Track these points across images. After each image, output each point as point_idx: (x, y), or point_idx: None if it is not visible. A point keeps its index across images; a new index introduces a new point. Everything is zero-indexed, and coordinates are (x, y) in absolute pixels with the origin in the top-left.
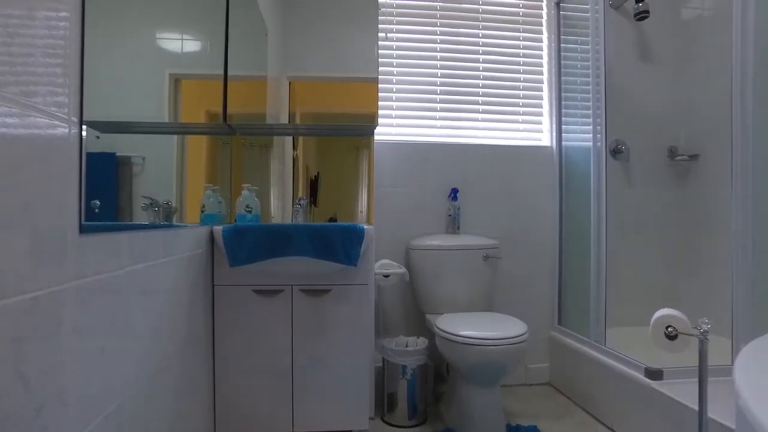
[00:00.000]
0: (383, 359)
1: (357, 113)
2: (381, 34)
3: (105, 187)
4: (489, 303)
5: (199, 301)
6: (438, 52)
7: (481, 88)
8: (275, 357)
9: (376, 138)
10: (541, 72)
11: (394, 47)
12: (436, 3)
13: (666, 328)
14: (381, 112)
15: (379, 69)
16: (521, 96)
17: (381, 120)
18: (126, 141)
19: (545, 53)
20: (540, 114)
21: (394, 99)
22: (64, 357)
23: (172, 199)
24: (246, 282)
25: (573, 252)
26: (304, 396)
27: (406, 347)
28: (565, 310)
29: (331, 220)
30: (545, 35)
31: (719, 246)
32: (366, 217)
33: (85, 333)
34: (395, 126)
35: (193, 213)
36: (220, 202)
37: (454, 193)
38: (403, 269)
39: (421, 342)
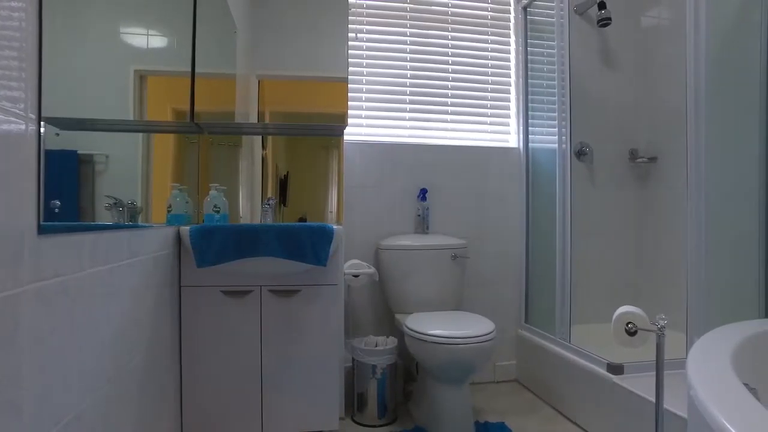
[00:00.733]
0: (353, 359)
1: (327, 113)
2: (351, 34)
3: (66, 187)
4: (457, 302)
5: (166, 303)
6: (408, 53)
7: (450, 89)
8: (244, 359)
9: (345, 138)
10: (509, 75)
11: (364, 47)
12: (406, 4)
13: (626, 324)
14: (351, 112)
15: (349, 69)
16: (489, 98)
17: (351, 120)
18: (88, 139)
19: (513, 56)
20: (507, 116)
21: (363, 99)
22: (20, 363)
23: (137, 199)
24: (214, 283)
25: (539, 251)
26: (273, 398)
27: (375, 347)
28: (532, 308)
29: (301, 220)
30: (513, 39)
31: (676, 245)
32: (336, 217)
33: (44, 337)
34: (365, 126)
35: (160, 213)
36: (187, 201)
37: (423, 194)
38: (373, 269)
39: (391, 341)
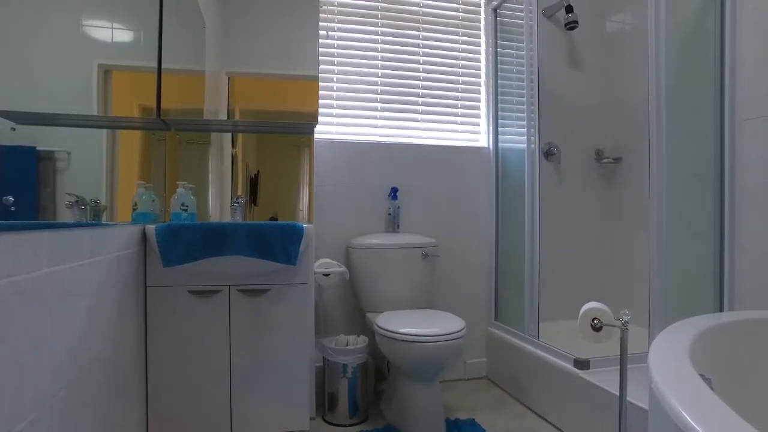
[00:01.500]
0: (324, 358)
1: (297, 111)
2: (322, 32)
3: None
4: (428, 300)
5: (130, 304)
6: (379, 52)
7: (421, 89)
8: (212, 360)
9: (316, 136)
10: (479, 75)
11: (335, 45)
12: (377, 3)
13: (592, 320)
14: (322, 110)
15: (321, 67)
16: (460, 98)
17: (321, 118)
18: (49, 134)
19: (483, 57)
20: (478, 116)
21: (335, 98)
22: None
23: (101, 197)
24: (181, 282)
25: (508, 250)
26: (242, 399)
27: (346, 346)
28: (502, 306)
29: (272, 219)
30: (483, 39)
31: (640, 243)
32: (307, 216)
33: None
34: (336, 125)
35: (126, 212)
36: (153, 200)
37: (393, 193)
38: (343, 268)
39: (362, 340)
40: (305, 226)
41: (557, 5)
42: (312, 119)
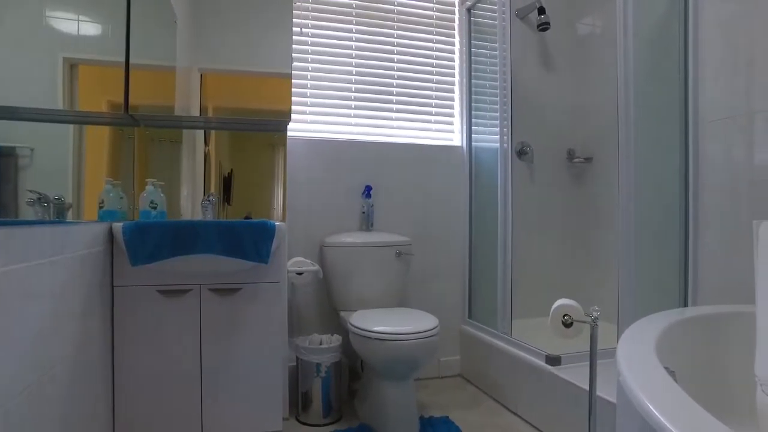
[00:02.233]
0: (297, 358)
1: (270, 109)
2: (296, 29)
3: None
4: (402, 299)
5: (96, 304)
6: (353, 50)
7: (396, 87)
8: (182, 361)
9: (290, 134)
10: (453, 74)
11: (309, 42)
12: (352, 1)
13: (563, 316)
14: (295, 108)
15: (294, 65)
16: (434, 97)
17: (295, 116)
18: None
19: (457, 56)
20: (452, 115)
21: (308, 95)
22: None
23: (67, 195)
24: (150, 282)
25: (482, 248)
26: (213, 400)
27: (320, 345)
28: (475, 304)
29: (246, 218)
30: (457, 39)
31: (610, 241)
32: (281, 215)
33: None
34: (310, 123)
35: (93, 210)
36: (121, 197)
37: (367, 191)
38: (317, 267)
39: (335, 339)
40: (277, 224)
41: (530, 6)
42: (285, 116)
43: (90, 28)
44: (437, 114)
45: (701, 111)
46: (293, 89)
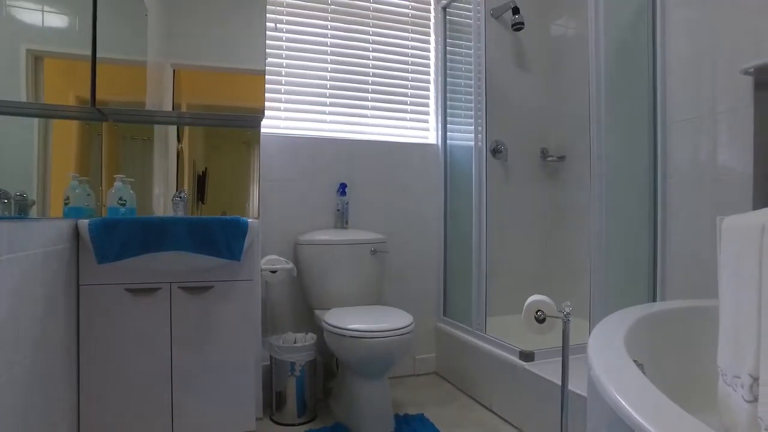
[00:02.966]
0: (271, 357)
1: (244, 106)
2: (270, 24)
3: None
4: (377, 297)
5: (59, 303)
6: (329, 47)
7: (371, 85)
8: (152, 361)
9: (264, 131)
10: (429, 72)
11: (284, 39)
12: None
13: (536, 312)
14: (270, 104)
15: (269, 60)
16: (409, 95)
17: (270, 113)
18: None
19: (432, 54)
20: (427, 113)
21: (283, 92)
22: None
23: (30, 191)
24: (118, 280)
25: (457, 246)
26: (185, 401)
27: (294, 344)
28: (450, 301)
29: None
30: (433, 37)
31: (582, 238)
32: (257, 212)
33: None
34: (284, 119)
35: (59, 207)
36: (89, 194)
37: (342, 188)
38: (291, 264)
39: (310, 338)
40: (250, 220)
41: (504, 6)
42: (259, 113)
43: (55, 19)
44: (413, 112)
45: (669, 111)
46: (267, 85)
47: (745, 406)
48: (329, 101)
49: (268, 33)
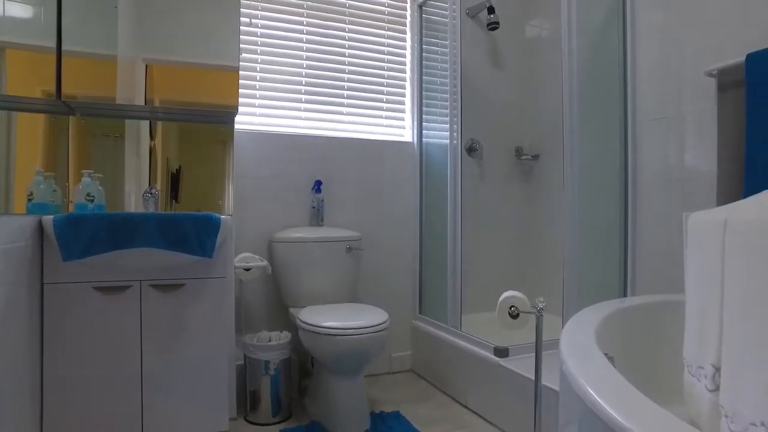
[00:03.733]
0: (245, 356)
1: (218, 103)
2: (245, 19)
3: None
4: (353, 295)
5: (21, 303)
6: (304, 43)
7: (347, 82)
8: (121, 362)
9: (238, 128)
10: (405, 70)
11: (258, 34)
12: None
13: (509, 308)
14: (244, 100)
15: (243, 56)
16: (385, 92)
17: (244, 109)
18: None
19: (408, 53)
20: (403, 111)
21: (257, 88)
22: None
23: None
24: (85, 278)
25: (432, 243)
26: (155, 402)
27: (268, 342)
28: (426, 299)
29: None
30: (409, 35)
31: (555, 235)
32: (230, 210)
33: None
34: (259, 116)
35: (23, 203)
36: (54, 190)
37: (317, 186)
38: (265, 262)
39: (284, 336)
40: (222, 217)
41: (480, 6)
42: (232, 109)
43: (18, 9)
44: (388, 109)
45: (639, 111)
46: (242, 81)
47: (708, 395)
48: (305, 98)
49: (242, 28)
